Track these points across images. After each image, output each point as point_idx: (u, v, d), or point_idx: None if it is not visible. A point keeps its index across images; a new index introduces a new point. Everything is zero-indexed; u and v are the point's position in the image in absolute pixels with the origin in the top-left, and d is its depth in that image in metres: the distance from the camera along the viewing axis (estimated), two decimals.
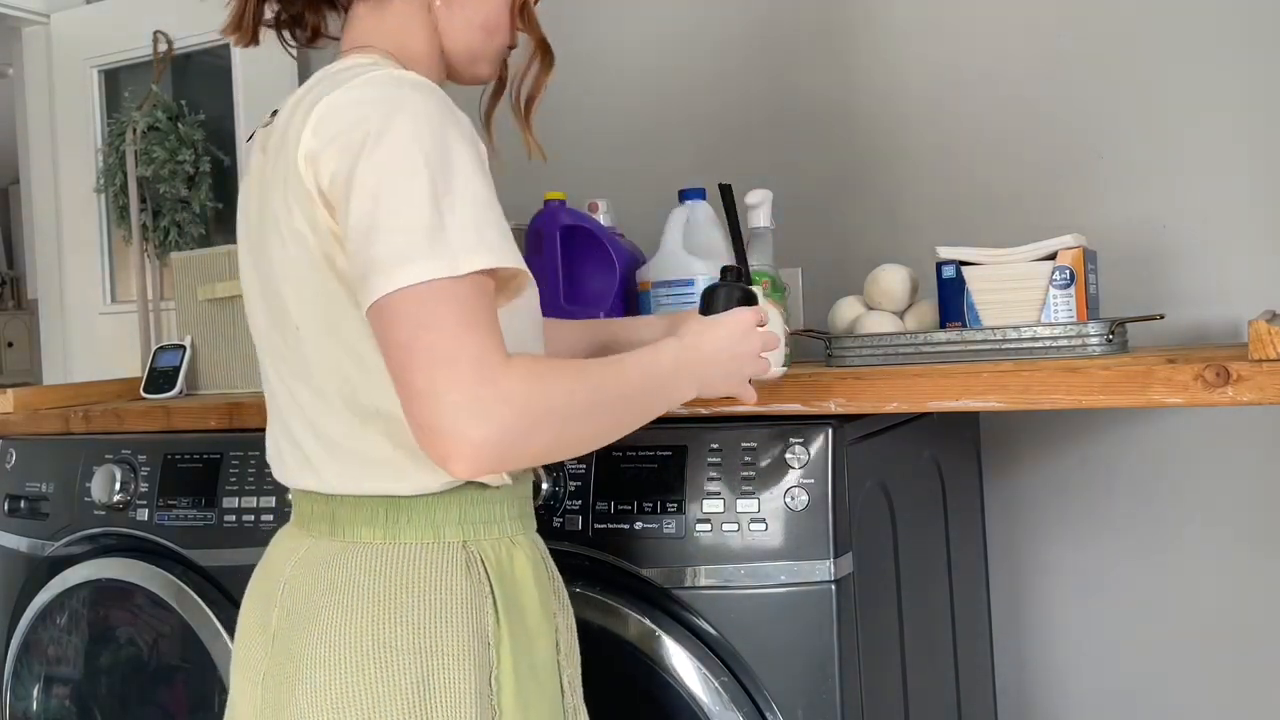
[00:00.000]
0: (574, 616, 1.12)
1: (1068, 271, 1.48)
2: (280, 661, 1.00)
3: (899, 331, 1.57)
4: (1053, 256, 1.50)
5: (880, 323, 1.61)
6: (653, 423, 1.36)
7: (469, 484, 1.00)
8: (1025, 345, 1.43)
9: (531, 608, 1.03)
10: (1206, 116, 1.75)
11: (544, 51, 1.09)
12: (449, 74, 1.09)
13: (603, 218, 1.89)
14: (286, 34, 1.10)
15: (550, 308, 1.82)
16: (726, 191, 1.32)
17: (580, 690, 1.10)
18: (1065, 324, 1.44)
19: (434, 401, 0.83)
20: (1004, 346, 1.44)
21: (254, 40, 1.09)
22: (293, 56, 1.10)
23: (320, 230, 0.93)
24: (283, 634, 1.01)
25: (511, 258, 0.90)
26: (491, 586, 1.00)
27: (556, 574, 1.11)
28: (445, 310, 0.85)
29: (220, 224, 2.66)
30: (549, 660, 1.04)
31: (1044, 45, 1.85)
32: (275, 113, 1.03)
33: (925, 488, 1.61)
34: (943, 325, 1.55)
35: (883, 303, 1.64)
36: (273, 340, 1.03)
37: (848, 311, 1.67)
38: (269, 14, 1.09)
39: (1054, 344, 1.42)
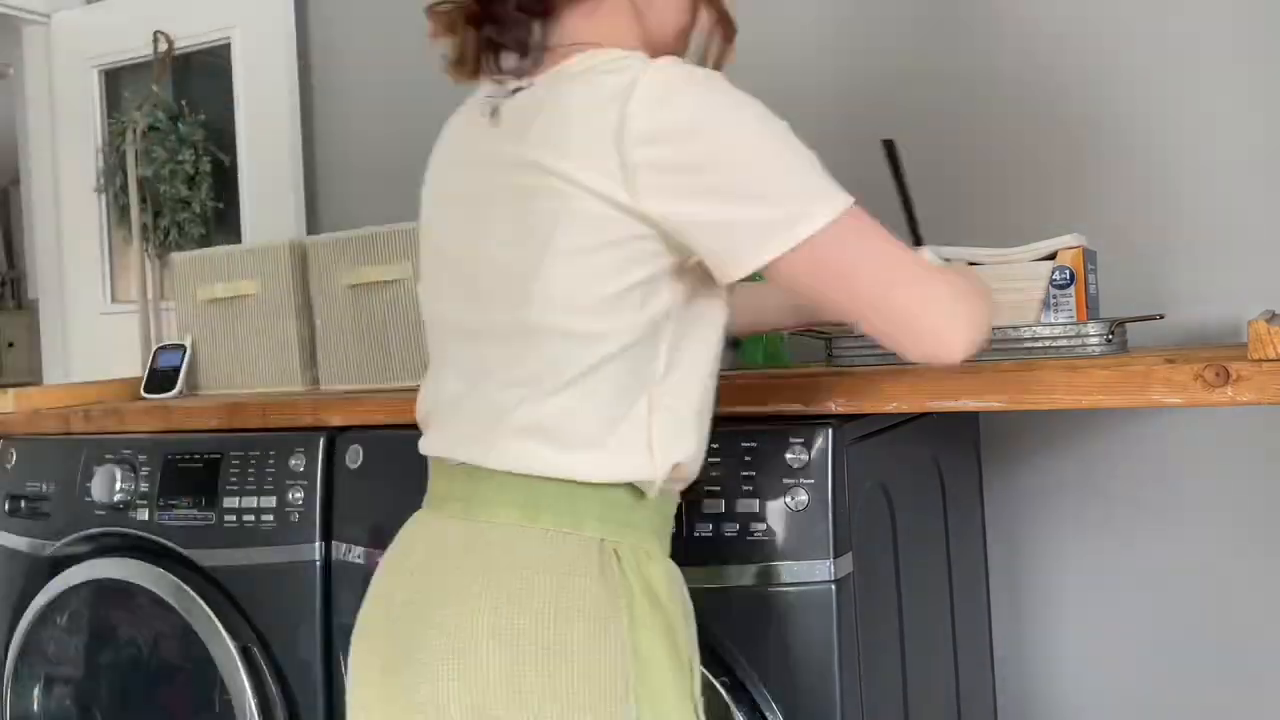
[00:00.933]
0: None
1: (1068, 271, 1.48)
2: (405, 642, 1.02)
3: None
4: (1053, 256, 1.50)
5: None
6: None
7: (615, 485, 1.03)
8: (1025, 345, 1.43)
9: (667, 627, 1.03)
10: (1207, 117, 1.75)
11: (725, 24, 1.14)
12: (650, 53, 1.09)
13: None
14: (494, 59, 1.09)
15: None
16: (890, 147, 1.28)
17: None
18: (1065, 324, 1.44)
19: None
20: (1004, 347, 1.44)
21: (475, 74, 1.09)
22: (496, 82, 1.07)
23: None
24: (407, 616, 1.03)
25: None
26: (631, 586, 1.01)
27: (689, 603, 1.10)
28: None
29: (220, 224, 2.66)
30: (683, 684, 1.03)
31: (1044, 45, 1.85)
32: (511, 90, 1.04)
33: (925, 488, 1.61)
34: None
35: None
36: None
37: None
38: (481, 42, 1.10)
39: (1054, 344, 1.42)
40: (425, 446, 1.12)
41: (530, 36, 1.04)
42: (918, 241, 1.26)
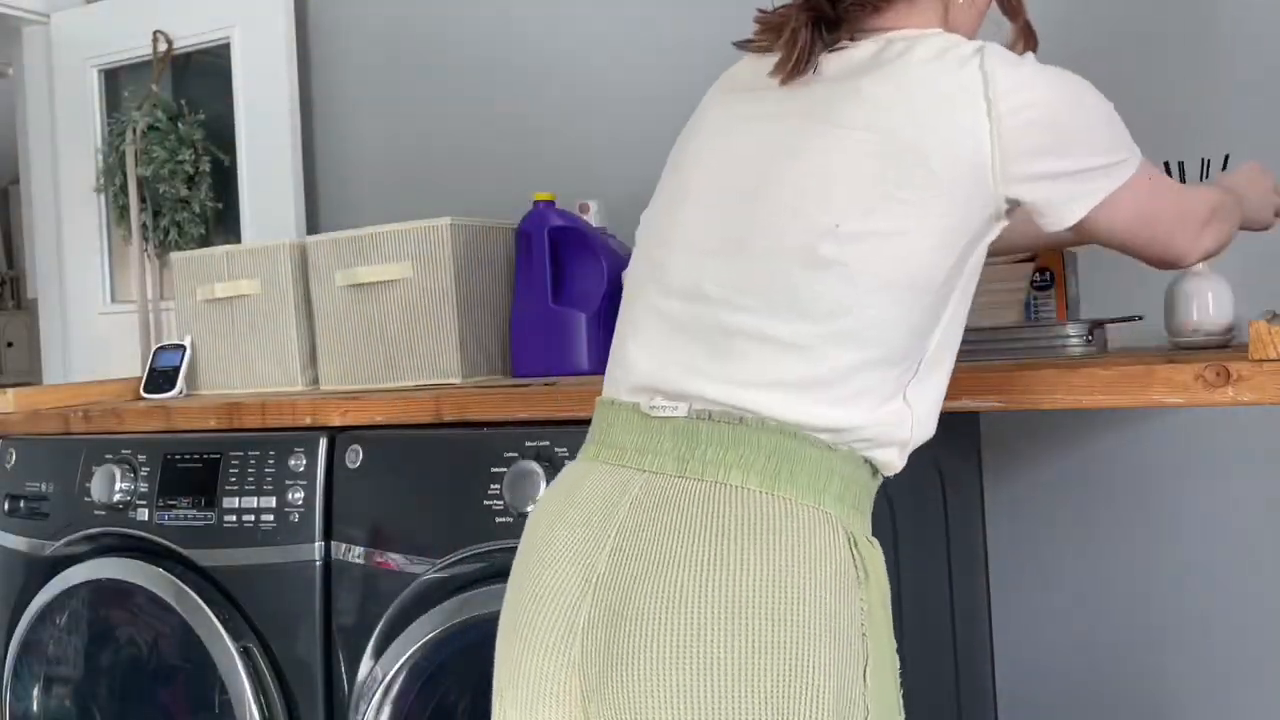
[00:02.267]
0: None
1: (1048, 273, 1.48)
2: (614, 609, 0.95)
3: None
4: (1033, 258, 1.50)
5: None
6: None
7: (860, 461, 0.99)
8: (1004, 345, 1.43)
9: (887, 613, 1.00)
10: (1205, 116, 1.75)
11: (1029, 35, 1.21)
12: None
13: (594, 218, 1.89)
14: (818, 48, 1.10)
15: (539, 308, 1.82)
16: None
17: None
18: (1045, 324, 1.44)
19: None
20: (986, 346, 1.44)
21: (808, 70, 1.07)
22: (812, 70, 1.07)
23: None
24: (615, 581, 0.95)
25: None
26: (866, 570, 0.96)
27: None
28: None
29: (220, 224, 2.66)
30: (895, 673, 1.00)
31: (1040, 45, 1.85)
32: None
33: (925, 488, 1.61)
34: None
35: None
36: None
37: None
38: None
39: (1035, 344, 1.42)
40: (619, 392, 1.05)
41: (860, 25, 1.07)
42: None
